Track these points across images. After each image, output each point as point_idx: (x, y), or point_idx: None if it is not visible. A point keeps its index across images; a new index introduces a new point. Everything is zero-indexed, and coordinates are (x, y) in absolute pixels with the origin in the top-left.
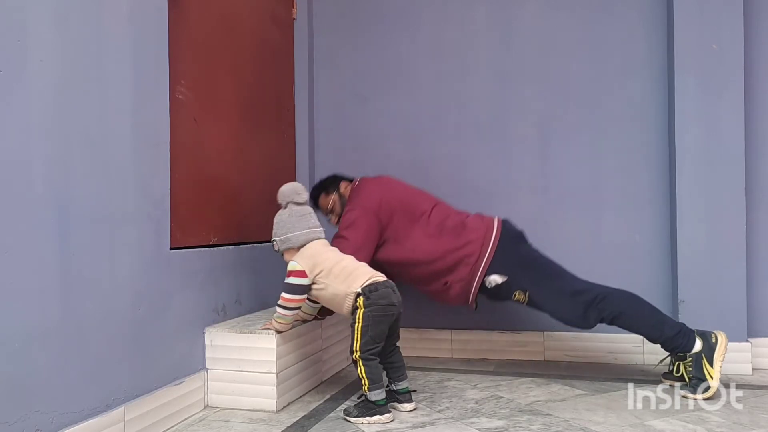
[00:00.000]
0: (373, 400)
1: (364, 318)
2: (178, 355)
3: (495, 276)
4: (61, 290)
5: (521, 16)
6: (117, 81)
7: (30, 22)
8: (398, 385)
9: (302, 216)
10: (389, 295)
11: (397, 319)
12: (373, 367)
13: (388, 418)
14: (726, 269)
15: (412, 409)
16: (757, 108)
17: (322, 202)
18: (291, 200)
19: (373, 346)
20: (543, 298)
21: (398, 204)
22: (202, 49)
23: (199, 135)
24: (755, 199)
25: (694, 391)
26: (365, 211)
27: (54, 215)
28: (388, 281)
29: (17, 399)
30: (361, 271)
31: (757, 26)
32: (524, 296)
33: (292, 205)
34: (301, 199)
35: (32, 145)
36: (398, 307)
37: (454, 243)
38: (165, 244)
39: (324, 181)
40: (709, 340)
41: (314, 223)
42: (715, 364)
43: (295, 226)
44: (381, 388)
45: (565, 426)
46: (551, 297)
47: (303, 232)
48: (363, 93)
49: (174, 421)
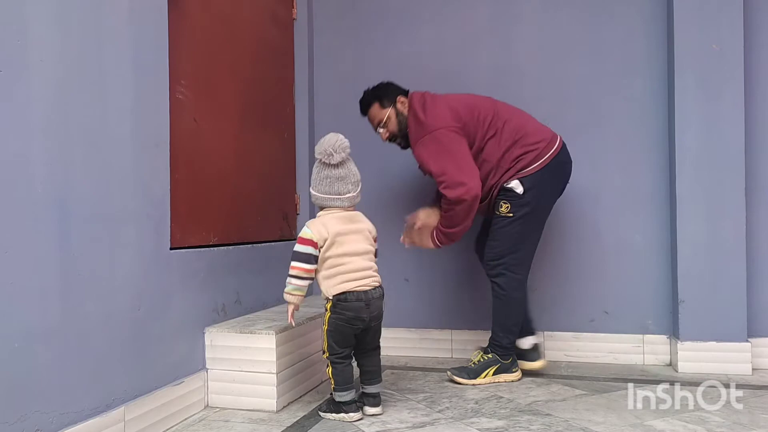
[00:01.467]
0: (338, 401)
1: (329, 322)
2: (178, 355)
3: (517, 182)
4: (62, 290)
5: (521, 16)
6: (117, 81)
7: (30, 22)
8: (367, 389)
9: (326, 178)
10: (358, 309)
11: (368, 329)
12: (340, 370)
13: (352, 417)
14: (726, 269)
15: (374, 413)
16: (757, 108)
17: (375, 113)
18: (320, 159)
19: (339, 351)
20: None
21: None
22: (202, 49)
23: (199, 135)
24: (755, 199)
25: (459, 374)
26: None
27: (54, 215)
28: (366, 292)
29: (17, 399)
30: (350, 276)
31: (757, 26)
32: (507, 212)
33: (322, 164)
34: (331, 160)
35: (32, 144)
36: (368, 321)
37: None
38: (165, 244)
39: (380, 90)
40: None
41: (337, 189)
42: (486, 378)
43: (316, 186)
44: (347, 390)
45: (565, 426)
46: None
47: (320, 195)
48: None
49: (174, 421)
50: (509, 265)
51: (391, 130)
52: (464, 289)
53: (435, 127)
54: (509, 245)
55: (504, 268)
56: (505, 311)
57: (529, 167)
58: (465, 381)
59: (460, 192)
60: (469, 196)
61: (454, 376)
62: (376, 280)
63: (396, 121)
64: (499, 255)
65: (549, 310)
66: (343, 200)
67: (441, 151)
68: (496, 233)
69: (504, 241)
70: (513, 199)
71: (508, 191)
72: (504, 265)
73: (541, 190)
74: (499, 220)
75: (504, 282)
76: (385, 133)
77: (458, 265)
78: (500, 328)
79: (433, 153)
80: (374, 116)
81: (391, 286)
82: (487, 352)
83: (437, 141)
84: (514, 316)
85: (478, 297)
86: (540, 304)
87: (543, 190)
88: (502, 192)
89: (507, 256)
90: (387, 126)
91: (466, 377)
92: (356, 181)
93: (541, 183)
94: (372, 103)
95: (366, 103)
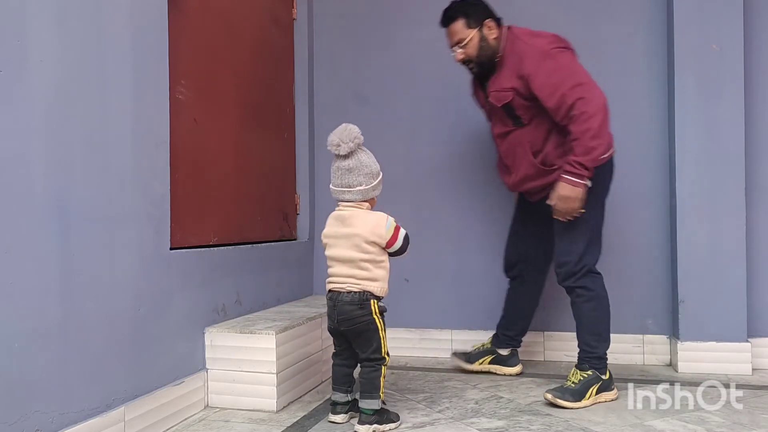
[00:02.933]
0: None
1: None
2: (178, 355)
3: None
4: (62, 290)
5: (521, 16)
6: (117, 81)
7: (30, 22)
8: (361, 402)
9: (336, 169)
10: (329, 308)
11: (341, 334)
12: (332, 367)
13: (332, 418)
14: (726, 269)
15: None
16: (757, 108)
17: (457, 30)
18: (330, 150)
19: (334, 348)
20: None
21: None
22: (202, 49)
23: (199, 135)
24: (755, 199)
25: (563, 397)
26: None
27: (54, 215)
28: (335, 294)
29: (17, 399)
30: (330, 277)
31: (757, 26)
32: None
33: (334, 156)
34: (339, 150)
35: (32, 145)
36: (336, 323)
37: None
38: (165, 244)
39: (468, 6)
40: (611, 381)
41: (338, 182)
42: (590, 398)
43: (331, 179)
44: (334, 391)
45: (565, 426)
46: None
47: (332, 188)
48: (363, 93)
49: (174, 421)
50: (591, 263)
51: (468, 53)
52: (464, 289)
53: (557, 45)
54: (586, 242)
55: (588, 269)
56: (596, 315)
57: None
58: (570, 404)
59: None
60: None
61: (556, 399)
62: (351, 285)
63: (477, 46)
64: (580, 255)
65: (549, 310)
66: (354, 193)
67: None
68: (570, 232)
69: (580, 239)
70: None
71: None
72: (587, 265)
73: (605, 185)
74: (571, 222)
75: (591, 282)
76: (460, 54)
77: (458, 265)
78: (593, 337)
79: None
80: (455, 33)
81: (391, 286)
82: (584, 369)
83: (562, 56)
84: (605, 320)
85: (478, 297)
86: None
87: (606, 185)
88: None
89: (587, 255)
90: (466, 48)
91: (570, 399)
92: (369, 173)
93: (603, 175)
94: (457, 18)
95: (450, 17)
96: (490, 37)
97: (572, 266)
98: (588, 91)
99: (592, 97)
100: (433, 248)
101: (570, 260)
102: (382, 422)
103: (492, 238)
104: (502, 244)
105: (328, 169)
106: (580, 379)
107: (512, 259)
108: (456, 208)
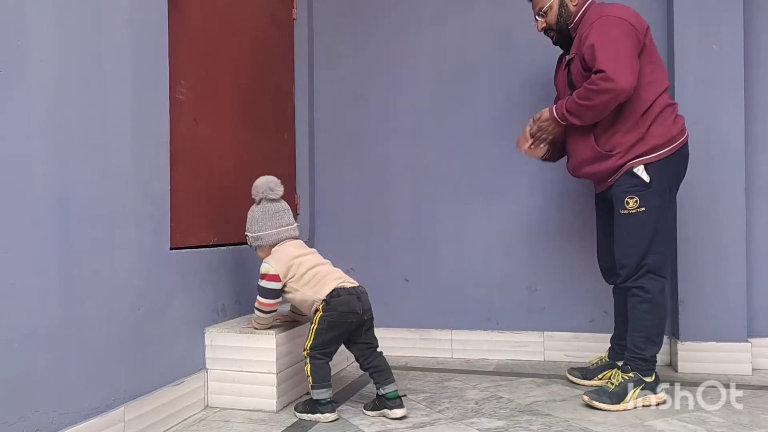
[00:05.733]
0: (316, 399)
1: (319, 321)
2: (178, 355)
3: (643, 169)
4: (61, 290)
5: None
6: (117, 81)
7: (30, 22)
8: (385, 389)
9: (275, 213)
10: (351, 302)
11: (362, 325)
12: (319, 366)
13: (328, 417)
14: (726, 269)
15: (401, 416)
16: (757, 108)
17: None
18: (264, 196)
19: (323, 348)
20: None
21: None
22: (202, 49)
23: (199, 135)
24: (755, 199)
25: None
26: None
27: (54, 215)
28: (355, 288)
29: (17, 399)
30: (332, 277)
31: (757, 26)
32: (638, 207)
33: (266, 202)
34: (274, 195)
35: (32, 144)
36: (361, 314)
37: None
38: (165, 244)
39: None
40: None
41: (288, 221)
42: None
43: (266, 225)
44: (325, 388)
45: (565, 426)
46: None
47: (275, 231)
48: (363, 93)
49: (174, 422)
50: (652, 266)
51: (549, 21)
52: (464, 289)
53: (620, 16)
54: (647, 244)
55: (647, 270)
56: (650, 318)
57: (658, 152)
58: (608, 407)
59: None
60: (615, 91)
61: (593, 401)
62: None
63: (557, 13)
64: (640, 256)
65: (549, 310)
66: (292, 230)
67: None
68: (630, 234)
69: (641, 240)
70: (640, 189)
71: (632, 179)
72: (646, 266)
73: (670, 181)
74: (629, 219)
75: (649, 284)
76: (542, 22)
77: (458, 265)
78: (643, 339)
79: (604, 34)
80: (538, 1)
81: (391, 286)
82: (627, 370)
83: (613, 27)
84: (660, 324)
85: (478, 297)
86: (540, 304)
87: (671, 181)
88: (625, 180)
89: (648, 257)
90: (547, 15)
91: (608, 402)
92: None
93: (668, 171)
94: None
95: None
96: (571, 6)
97: (632, 268)
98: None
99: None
100: (433, 248)
101: (629, 262)
102: None
103: (492, 237)
104: (503, 243)
105: (328, 169)
106: (621, 381)
107: (604, 266)
108: (456, 208)
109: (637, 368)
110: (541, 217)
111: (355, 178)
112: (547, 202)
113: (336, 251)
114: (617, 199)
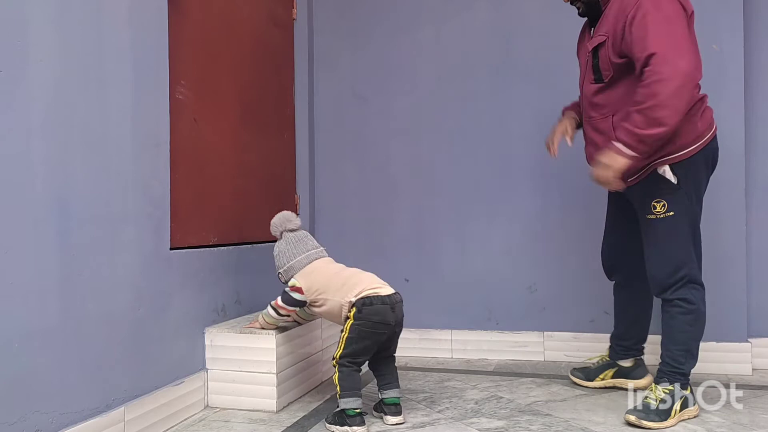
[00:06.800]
0: (343, 408)
1: (350, 329)
2: (178, 355)
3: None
4: (61, 290)
5: (521, 16)
6: (117, 81)
7: (30, 22)
8: (384, 394)
9: (299, 241)
10: (384, 312)
11: (391, 337)
12: (347, 374)
13: (356, 430)
14: (726, 269)
15: (396, 423)
16: (757, 108)
17: None
18: (284, 228)
19: (354, 358)
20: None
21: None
22: (202, 49)
23: (199, 135)
24: (755, 199)
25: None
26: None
27: (54, 215)
28: (389, 296)
29: (17, 399)
30: (360, 279)
31: (757, 26)
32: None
33: (287, 233)
34: (293, 225)
35: (32, 144)
36: (393, 326)
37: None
38: (165, 244)
39: None
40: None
41: (313, 244)
42: (675, 417)
43: (293, 253)
44: (353, 397)
45: (565, 426)
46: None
47: (304, 255)
48: (363, 93)
49: (174, 422)
50: (692, 276)
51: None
52: (464, 289)
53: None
54: (684, 251)
55: (687, 280)
56: (692, 330)
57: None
58: (657, 425)
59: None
60: (681, 77)
61: (641, 421)
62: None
63: None
64: (678, 265)
65: (549, 310)
66: (319, 252)
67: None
68: (661, 241)
69: (677, 247)
70: (667, 192)
71: (657, 180)
72: (687, 276)
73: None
74: (658, 225)
75: (691, 295)
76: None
77: (458, 265)
78: (683, 353)
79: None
80: None
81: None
82: (663, 382)
83: (665, 4)
84: (699, 337)
85: (478, 297)
86: (540, 304)
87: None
88: (649, 181)
89: (687, 265)
90: None
91: (657, 420)
92: None
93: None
94: None
95: None
96: None
97: (667, 277)
98: (674, 53)
99: (674, 59)
100: (433, 248)
101: (664, 271)
102: None
103: (493, 237)
104: (503, 243)
105: (328, 169)
106: (662, 396)
107: (608, 263)
108: (456, 208)
109: (678, 382)
110: (541, 216)
111: (355, 178)
112: (548, 203)
113: (336, 251)
114: (641, 202)
